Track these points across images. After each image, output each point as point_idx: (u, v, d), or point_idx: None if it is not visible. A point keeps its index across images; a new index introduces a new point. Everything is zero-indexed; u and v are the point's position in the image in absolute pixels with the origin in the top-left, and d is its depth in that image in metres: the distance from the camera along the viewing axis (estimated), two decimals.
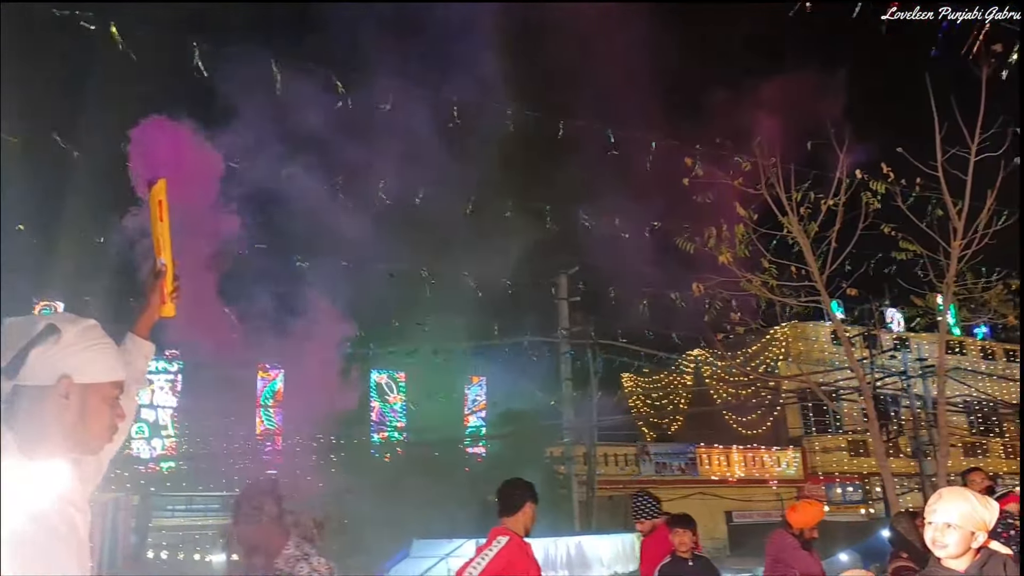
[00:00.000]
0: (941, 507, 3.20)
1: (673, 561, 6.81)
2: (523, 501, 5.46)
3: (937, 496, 3.26)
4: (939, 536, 3.16)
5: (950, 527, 3.15)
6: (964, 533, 3.14)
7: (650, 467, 26.50)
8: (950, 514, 3.16)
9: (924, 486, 23.09)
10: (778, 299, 9.06)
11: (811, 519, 7.06)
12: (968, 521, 3.14)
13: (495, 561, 5.21)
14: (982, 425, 34.21)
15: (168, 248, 2.75)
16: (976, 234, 8.19)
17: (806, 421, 30.73)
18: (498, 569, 5.24)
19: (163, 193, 2.82)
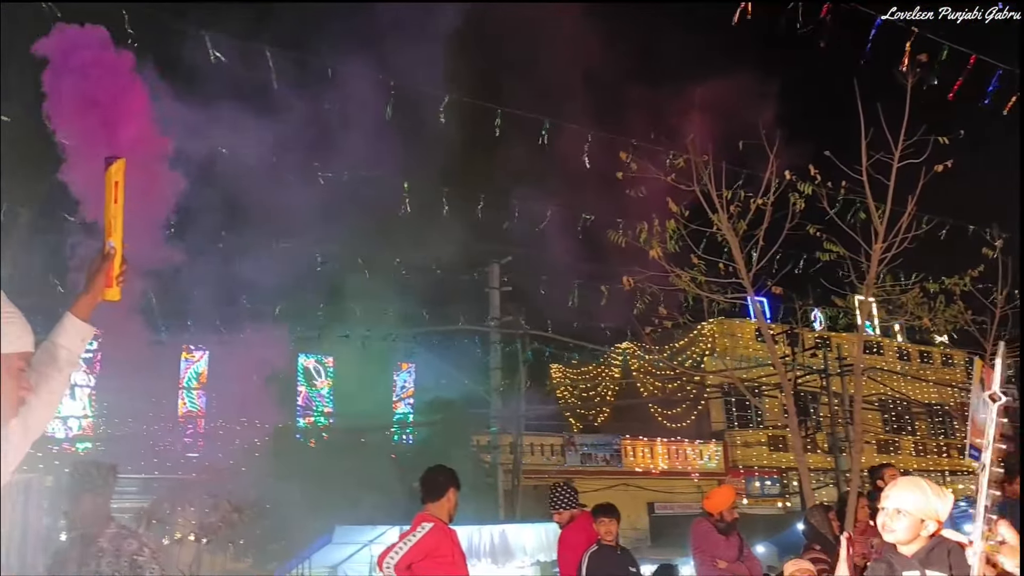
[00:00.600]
0: (894, 494, 3.33)
1: (600, 549, 6.90)
2: (447, 487, 5.49)
3: (893, 484, 3.39)
4: (889, 521, 3.28)
5: (900, 513, 3.26)
6: (913, 520, 3.26)
7: (576, 458, 26.72)
8: (902, 501, 3.29)
9: (839, 481, 23.79)
10: (706, 295, 9.20)
11: (724, 500, 7.23)
12: (918, 509, 3.26)
13: (418, 546, 5.23)
14: (895, 423, 35.37)
15: (119, 231, 2.68)
16: (896, 238, 8.43)
17: (729, 416, 31.36)
18: (421, 554, 5.24)
19: (120, 174, 2.72)
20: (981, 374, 9.89)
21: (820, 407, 28.42)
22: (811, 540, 6.81)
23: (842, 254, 8.99)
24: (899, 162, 8.28)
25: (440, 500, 5.48)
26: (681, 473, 28.51)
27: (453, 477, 5.65)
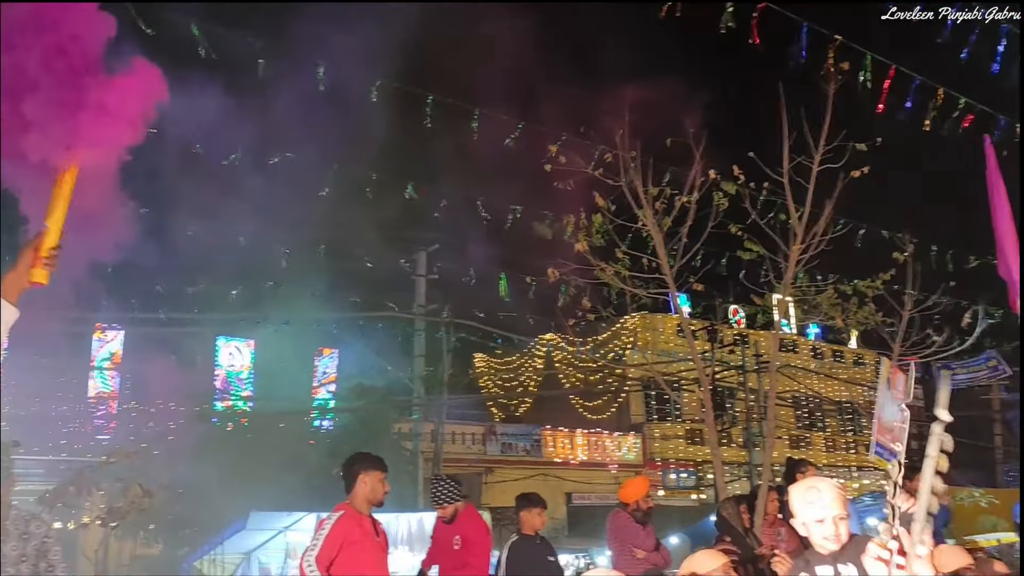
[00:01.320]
0: (831, 502, 3.31)
1: (521, 539, 6.95)
2: (356, 474, 5.46)
3: (816, 492, 3.32)
4: (837, 529, 3.28)
5: (843, 519, 3.29)
6: (847, 520, 3.32)
7: (496, 447, 26.83)
8: (839, 506, 3.30)
9: (752, 475, 24.40)
10: (629, 289, 9.31)
11: (639, 490, 7.35)
12: (846, 508, 3.33)
13: (330, 538, 5.21)
14: (807, 419, 36.42)
15: (59, 217, 2.64)
16: (813, 240, 8.66)
17: (648, 409, 31.85)
18: (336, 545, 5.21)
19: (73, 181, 2.73)
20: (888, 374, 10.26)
21: (736, 402, 29.08)
22: (722, 531, 6.95)
23: (762, 254, 9.19)
24: (819, 166, 8.50)
25: (353, 488, 5.44)
26: (600, 464, 28.87)
27: (363, 461, 5.53)
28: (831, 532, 3.25)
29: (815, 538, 3.31)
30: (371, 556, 5.40)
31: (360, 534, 5.39)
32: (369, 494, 5.41)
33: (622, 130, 8.96)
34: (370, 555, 5.38)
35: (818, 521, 3.27)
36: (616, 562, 7.07)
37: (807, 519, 3.31)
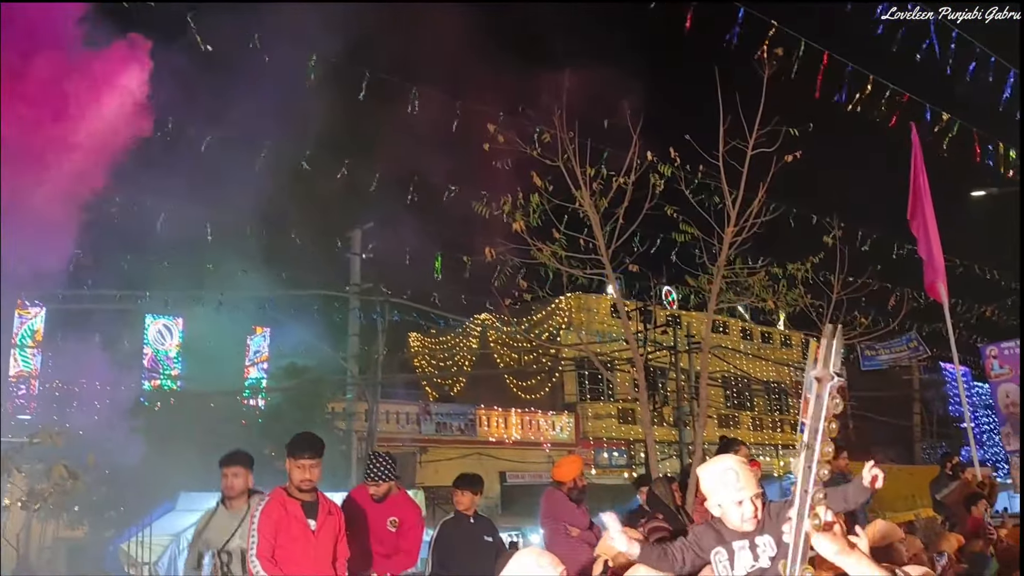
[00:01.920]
0: (747, 483, 3.35)
1: (455, 518, 6.97)
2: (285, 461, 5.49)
3: (733, 474, 3.35)
4: (756, 508, 3.32)
5: (759, 497, 3.34)
6: (761, 497, 3.37)
7: (431, 426, 26.81)
8: (755, 485, 3.35)
9: (682, 453, 24.86)
10: (565, 269, 9.35)
11: (574, 469, 7.42)
12: (759, 485, 3.38)
13: (260, 527, 5.20)
14: (736, 399, 37.20)
15: None
16: (747, 223, 8.81)
17: (581, 388, 32.14)
18: (269, 533, 5.18)
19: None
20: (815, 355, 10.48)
21: (668, 382, 29.54)
22: (654, 509, 7.06)
23: (696, 236, 9.32)
24: (753, 150, 8.64)
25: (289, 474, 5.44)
26: (533, 443, 29.07)
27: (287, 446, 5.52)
28: (750, 513, 3.31)
29: (733, 520, 3.34)
30: (296, 543, 5.27)
31: (285, 519, 5.28)
32: (295, 476, 5.39)
33: (560, 110, 8.97)
34: (296, 543, 5.27)
35: (737, 503, 3.31)
36: (550, 540, 7.12)
37: (725, 501, 3.34)
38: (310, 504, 5.39)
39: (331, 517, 5.49)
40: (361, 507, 6.38)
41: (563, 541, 6.77)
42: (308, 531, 5.31)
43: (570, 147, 8.78)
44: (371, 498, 6.45)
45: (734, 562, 3.34)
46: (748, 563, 3.32)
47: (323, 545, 5.37)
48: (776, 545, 3.32)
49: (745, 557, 3.33)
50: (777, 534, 3.34)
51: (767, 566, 3.30)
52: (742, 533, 3.35)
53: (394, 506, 6.57)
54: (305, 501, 5.38)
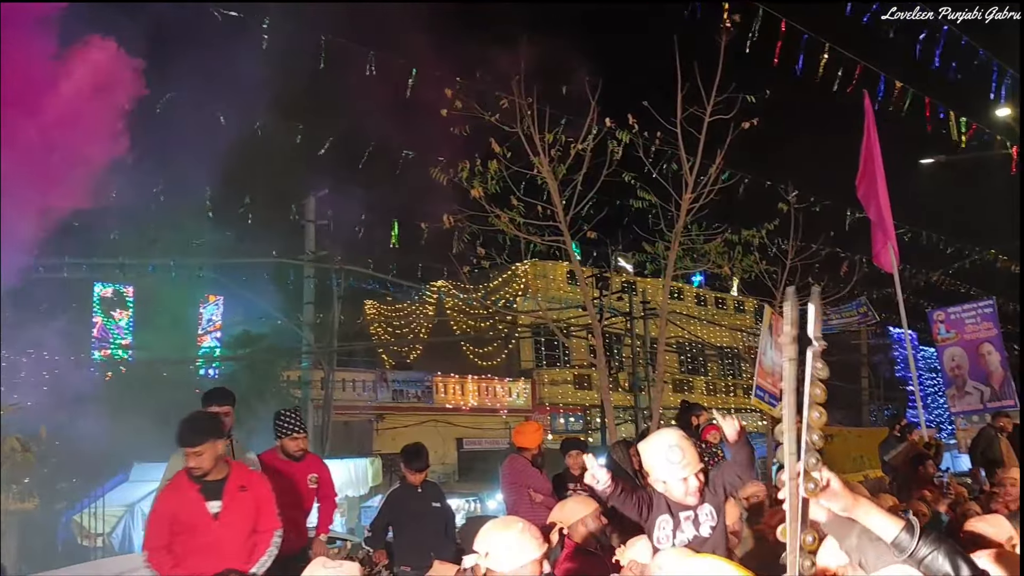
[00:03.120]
0: (692, 459, 3.38)
1: (401, 487, 6.98)
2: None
3: (679, 451, 3.40)
4: (699, 483, 3.35)
5: (703, 472, 3.38)
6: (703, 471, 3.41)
7: (387, 394, 26.78)
8: (698, 460, 3.39)
9: (637, 418, 25.16)
10: (523, 236, 9.35)
11: (538, 436, 7.46)
12: (702, 459, 3.42)
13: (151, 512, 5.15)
14: (690, 364, 37.68)
15: None
16: (704, 189, 8.87)
17: (538, 354, 32.31)
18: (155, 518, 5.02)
19: None
20: (771, 321, 10.63)
21: (623, 348, 29.79)
22: (613, 474, 7.13)
23: (654, 202, 9.37)
24: (710, 117, 8.68)
25: None
26: (490, 410, 29.20)
27: None
28: (694, 488, 3.34)
29: (677, 494, 3.38)
30: (195, 531, 4.77)
31: (181, 505, 4.82)
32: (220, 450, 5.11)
33: (518, 76, 8.91)
34: (194, 530, 4.77)
35: (682, 480, 3.35)
36: (513, 506, 7.15)
37: (670, 477, 3.37)
38: (213, 484, 4.81)
39: (244, 494, 4.88)
40: (279, 471, 6.05)
41: (527, 507, 6.80)
42: (207, 517, 4.76)
43: (528, 114, 8.74)
44: (291, 457, 6.27)
45: (677, 532, 3.37)
46: (691, 534, 3.37)
47: (229, 528, 4.79)
48: (716, 514, 3.37)
49: (689, 528, 3.37)
50: (716, 503, 3.40)
51: (708, 535, 3.35)
52: (687, 505, 3.37)
53: (312, 462, 6.52)
54: (208, 481, 4.81)
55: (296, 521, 6.11)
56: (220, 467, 4.84)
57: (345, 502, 18.37)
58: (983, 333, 13.54)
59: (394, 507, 6.87)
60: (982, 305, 13.92)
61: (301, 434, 6.34)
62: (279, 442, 6.28)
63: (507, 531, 3.12)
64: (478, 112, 9.11)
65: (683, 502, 3.38)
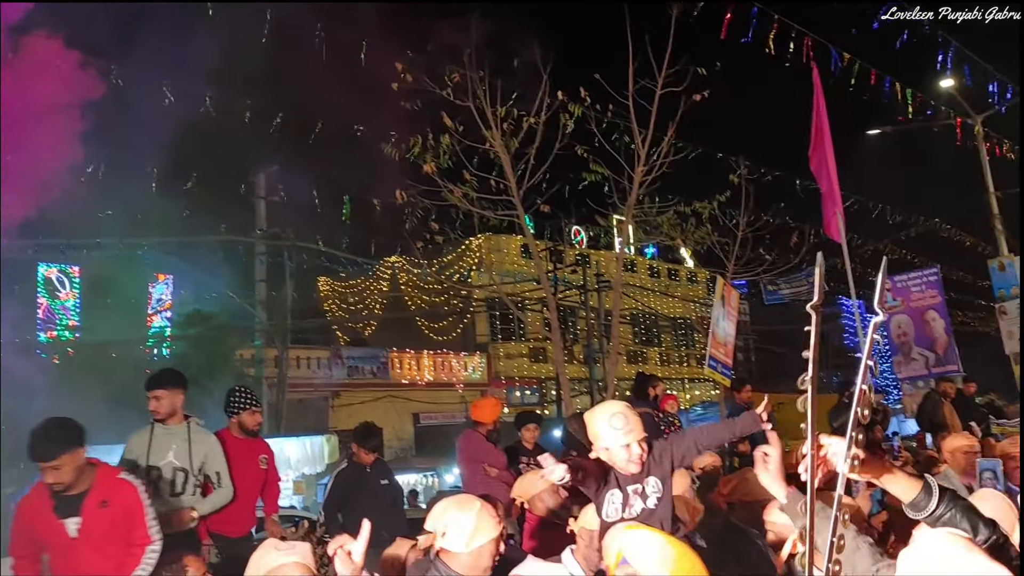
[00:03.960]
0: (635, 426, 3.38)
1: (349, 466, 6.97)
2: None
3: (622, 418, 3.39)
4: (642, 452, 3.36)
5: (644, 441, 3.38)
6: (645, 440, 3.41)
7: (343, 371, 26.66)
8: (641, 429, 3.38)
9: (592, 390, 25.36)
10: (476, 210, 9.33)
11: (495, 411, 7.48)
12: (645, 429, 3.42)
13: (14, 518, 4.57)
14: (644, 335, 38.02)
15: None
16: (656, 162, 8.91)
17: (493, 328, 32.34)
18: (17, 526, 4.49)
19: None
20: (723, 292, 10.75)
21: (578, 320, 29.96)
22: (568, 446, 7.18)
23: (606, 176, 9.39)
24: (661, 90, 8.70)
25: None
26: (446, 385, 29.22)
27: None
28: (636, 455, 3.35)
29: (620, 462, 3.39)
30: (55, 551, 4.27)
31: (37, 519, 4.27)
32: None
33: (469, 50, 8.84)
34: (54, 550, 4.27)
35: (625, 447, 3.36)
36: (469, 480, 7.18)
37: (613, 445, 3.38)
38: (71, 499, 4.22)
39: (105, 509, 4.26)
40: (230, 452, 5.83)
41: (482, 481, 6.84)
42: (63, 536, 4.22)
43: (480, 87, 8.68)
44: (249, 433, 6.15)
45: (626, 506, 3.38)
46: (639, 507, 3.37)
47: (90, 548, 4.20)
48: (662, 485, 3.38)
49: (637, 502, 3.37)
50: (661, 474, 3.41)
51: (654, 507, 3.36)
52: (633, 476, 3.40)
53: (261, 443, 6.42)
54: (66, 496, 4.23)
55: (247, 502, 6.05)
56: (84, 479, 4.25)
57: (302, 479, 18.31)
58: (928, 301, 13.86)
59: (343, 487, 6.86)
60: (927, 273, 14.23)
61: (258, 408, 6.29)
62: (234, 419, 6.17)
63: (465, 512, 3.12)
64: (429, 86, 9.03)
65: (627, 471, 3.38)
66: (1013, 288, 15.06)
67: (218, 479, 5.59)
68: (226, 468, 5.64)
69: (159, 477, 5.38)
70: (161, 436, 5.47)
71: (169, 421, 5.50)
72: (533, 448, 7.65)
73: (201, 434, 5.62)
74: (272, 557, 2.93)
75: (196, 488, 5.50)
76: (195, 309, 21.17)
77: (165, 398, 5.48)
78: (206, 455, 5.57)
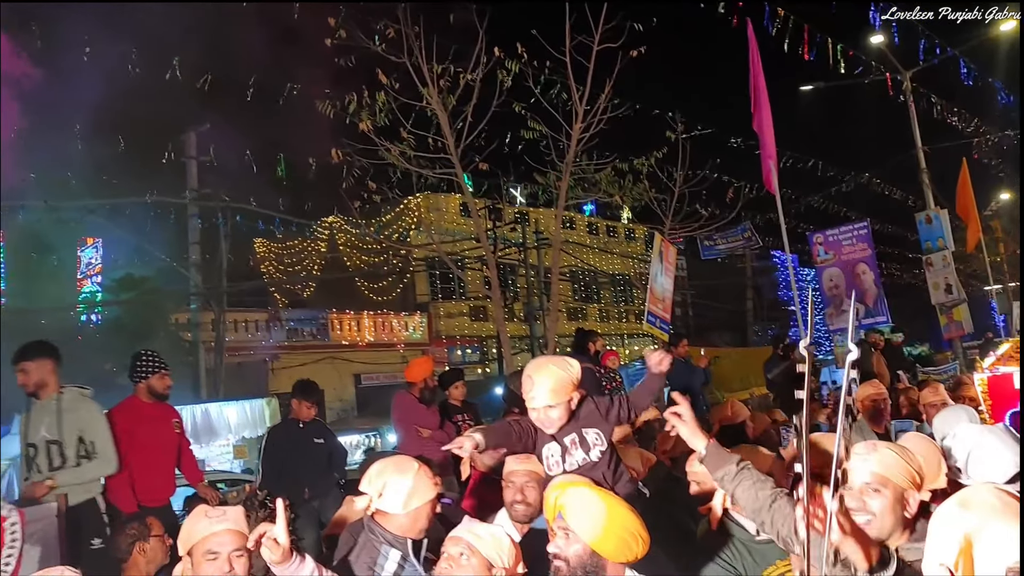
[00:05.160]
0: (538, 393, 3.29)
1: (283, 423, 6.93)
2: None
3: (529, 381, 3.32)
4: (547, 416, 3.32)
5: (551, 408, 3.33)
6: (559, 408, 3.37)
7: (282, 333, 26.41)
8: (550, 396, 3.30)
9: (533, 347, 25.53)
10: (414, 169, 9.23)
11: (425, 369, 7.47)
12: (562, 396, 3.36)
13: None
14: (583, 292, 38.35)
15: None
16: (594, 119, 8.91)
17: (433, 288, 32.31)
18: None
19: None
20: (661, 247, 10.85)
21: (518, 278, 30.06)
22: (511, 404, 7.22)
23: (544, 133, 9.36)
24: (598, 46, 8.67)
25: None
26: (387, 345, 29.16)
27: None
28: (543, 418, 3.32)
29: (535, 421, 3.36)
30: None
31: None
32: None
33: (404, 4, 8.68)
34: None
35: (532, 410, 3.35)
36: (403, 442, 7.18)
37: (528, 405, 3.38)
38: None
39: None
40: (143, 416, 5.77)
41: (415, 443, 6.83)
42: None
43: (416, 43, 8.55)
44: (159, 397, 5.96)
45: (567, 456, 3.37)
46: (580, 457, 3.37)
47: None
48: (604, 439, 3.38)
49: (578, 452, 3.36)
50: (606, 429, 3.40)
51: (597, 459, 3.36)
52: (568, 427, 3.36)
53: (170, 407, 6.23)
54: None
55: (164, 469, 5.89)
56: None
57: (243, 443, 18.17)
58: (858, 254, 14.22)
59: (274, 445, 6.83)
60: (857, 227, 14.59)
61: (167, 371, 6.02)
62: (142, 384, 5.92)
63: (403, 474, 3.12)
64: (364, 42, 8.86)
65: (545, 430, 3.36)
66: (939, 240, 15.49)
67: (93, 448, 5.28)
68: (106, 437, 5.34)
69: (35, 455, 5.16)
70: (36, 411, 5.25)
71: (42, 394, 5.27)
72: (462, 404, 7.72)
73: (76, 403, 5.34)
74: (203, 525, 2.88)
75: (82, 459, 5.22)
76: (127, 273, 20.71)
77: (32, 371, 5.26)
78: (84, 424, 5.28)
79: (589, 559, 2.50)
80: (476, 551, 2.62)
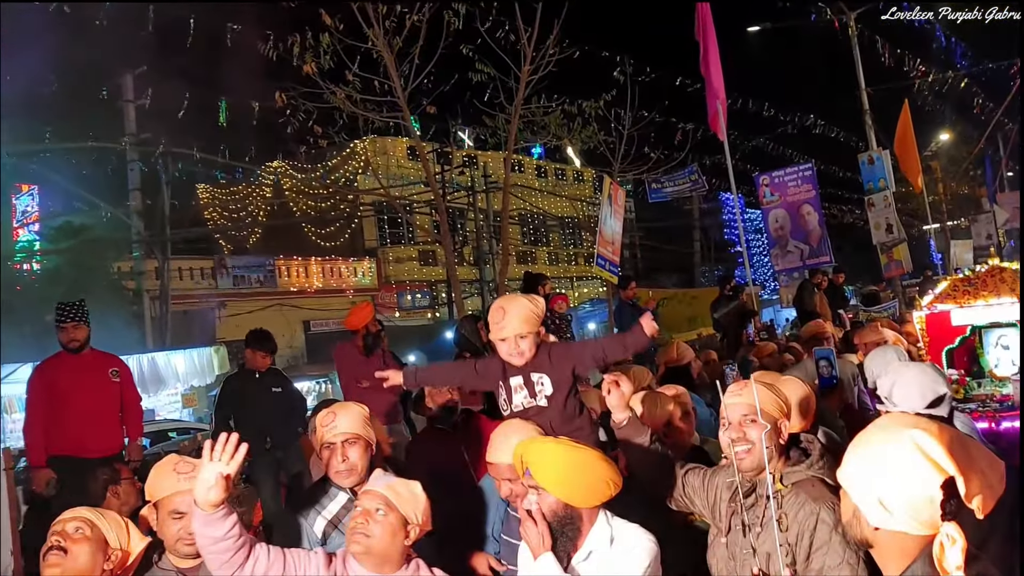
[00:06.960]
0: (511, 322, 3.35)
1: (240, 372, 6.86)
2: None
3: (500, 312, 3.37)
4: (518, 347, 3.35)
5: (523, 337, 3.37)
6: (529, 338, 3.41)
7: (228, 280, 26.05)
8: (521, 325, 3.36)
9: (483, 291, 25.59)
10: (361, 112, 9.10)
11: (364, 316, 7.40)
12: (531, 325, 3.40)
13: None
14: (532, 236, 38.40)
15: None
16: (543, 61, 8.84)
17: (381, 233, 32.07)
18: None
19: None
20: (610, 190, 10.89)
21: (467, 222, 29.97)
22: (462, 348, 7.24)
23: (493, 75, 9.27)
24: None
25: None
26: (336, 291, 28.97)
27: None
28: (513, 350, 3.35)
29: (503, 354, 3.40)
30: None
31: None
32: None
33: None
34: None
35: (501, 340, 3.38)
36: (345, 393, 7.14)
37: (495, 336, 3.41)
38: None
39: None
40: (73, 372, 5.57)
41: (355, 393, 6.80)
42: None
43: None
44: (82, 353, 5.74)
45: (513, 397, 3.40)
46: (526, 400, 3.38)
47: None
48: (553, 386, 3.41)
49: (522, 393, 3.39)
50: (556, 377, 3.43)
51: (544, 405, 3.40)
52: (517, 369, 3.39)
53: (102, 355, 6.00)
54: None
55: (102, 419, 5.71)
56: None
57: (192, 392, 18.00)
58: (803, 195, 14.39)
59: (230, 395, 6.76)
60: (802, 168, 14.73)
61: (70, 323, 5.69)
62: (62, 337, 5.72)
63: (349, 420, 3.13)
64: None
65: (511, 362, 3.40)
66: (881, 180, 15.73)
67: None
68: None
69: None
70: None
71: None
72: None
73: None
74: (170, 482, 2.81)
75: None
76: (65, 221, 20.17)
77: None
78: None
79: (563, 511, 2.53)
80: (393, 507, 2.57)
